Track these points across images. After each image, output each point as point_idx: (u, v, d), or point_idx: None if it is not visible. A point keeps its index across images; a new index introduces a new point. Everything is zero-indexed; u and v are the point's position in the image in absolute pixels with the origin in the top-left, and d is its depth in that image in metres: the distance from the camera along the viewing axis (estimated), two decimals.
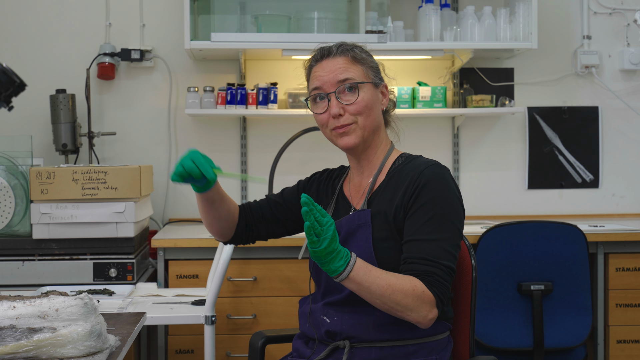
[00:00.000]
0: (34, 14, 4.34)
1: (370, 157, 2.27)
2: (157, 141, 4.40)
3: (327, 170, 2.45)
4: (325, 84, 2.20)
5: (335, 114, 2.18)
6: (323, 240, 1.89)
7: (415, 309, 2.01)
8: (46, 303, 1.77)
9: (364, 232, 2.14)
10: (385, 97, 2.29)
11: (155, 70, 4.39)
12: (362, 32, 4.06)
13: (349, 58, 2.22)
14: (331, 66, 2.21)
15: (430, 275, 2.03)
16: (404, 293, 1.99)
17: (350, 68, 2.20)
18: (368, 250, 2.12)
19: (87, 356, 1.73)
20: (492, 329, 3.38)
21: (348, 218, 2.20)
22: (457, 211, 2.14)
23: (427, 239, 2.06)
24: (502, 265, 3.38)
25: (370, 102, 2.20)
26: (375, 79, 2.24)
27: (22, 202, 3.52)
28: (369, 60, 2.25)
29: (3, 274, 3.46)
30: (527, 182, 4.55)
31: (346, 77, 2.19)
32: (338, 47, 2.24)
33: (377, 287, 1.98)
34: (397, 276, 2.02)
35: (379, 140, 2.27)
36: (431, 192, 2.10)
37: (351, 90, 2.18)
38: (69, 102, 4.11)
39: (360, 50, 2.26)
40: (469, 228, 3.85)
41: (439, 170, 2.16)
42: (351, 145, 2.21)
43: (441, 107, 4.28)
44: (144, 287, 3.33)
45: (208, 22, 4.17)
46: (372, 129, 2.22)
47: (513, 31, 4.19)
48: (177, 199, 4.42)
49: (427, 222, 2.08)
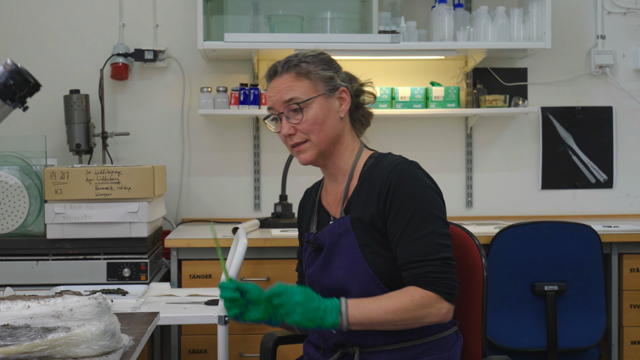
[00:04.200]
0: (48, 15, 4.35)
1: (339, 164, 2.25)
2: (170, 141, 4.41)
3: (307, 191, 2.44)
4: (275, 104, 2.20)
5: (285, 134, 2.19)
6: (292, 309, 1.96)
7: (425, 315, 2.03)
8: (60, 303, 1.78)
9: (348, 239, 2.14)
10: (345, 101, 2.22)
11: (169, 70, 4.40)
12: (375, 32, 4.06)
13: (293, 75, 2.18)
14: (278, 86, 2.19)
15: (425, 276, 2.04)
16: (406, 309, 2.02)
17: (295, 86, 2.17)
18: (357, 256, 2.12)
19: (101, 356, 1.73)
20: (505, 329, 3.37)
21: (329, 228, 2.19)
22: (434, 201, 2.13)
23: (412, 239, 2.06)
24: (515, 266, 3.37)
25: (319, 117, 2.16)
26: (327, 89, 2.19)
27: (36, 202, 3.54)
28: (319, 74, 2.19)
29: (17, 273, 3.47)
30: (540, 183, 4.54)
31: (291, 96, 2.16)
32: (283, 64, 2.19)
33: (379, 318, 2.02)
34: (392, 296, 2.04)
35: (342, 147, 2.24)
36: (404, 192, 2.10)
37: (297, 111, 2.16)
38: (83, 103, 4.12)
39: (311, 60, 2.20)
40: (482, 228, 3.85)
41: (406, 167, 2.15)
42: (308, 162, 2.21)
43: (454, 107, 4.27)
44: (158, 287, 3.34)
45: (221, 22, 4.18)
46: (329, 141, 2.19)
47: (526, 31, 4.18)
48: (190, 199, 4.43)
49: (409, 223, 2.07)
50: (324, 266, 2.19)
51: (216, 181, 4.43)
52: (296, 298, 1.97)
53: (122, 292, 3.17)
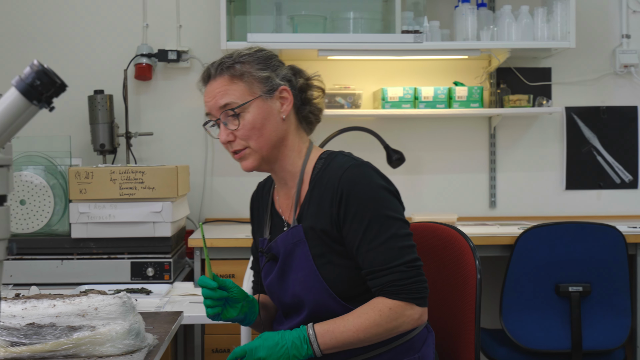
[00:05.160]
0: (73, 16, 4.38)
1: (286, 167, 2.13)
2: (193, 141, 4.43)
3: (259, 185, 2.34)
4: (211, 109, 2.07)
5: (224, 141, 2.07)
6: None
7: (399, 325, 1.98)
8: (85, 302, 1.79)
9: (302, 249, 2.04)
10: (287, 100, 2.09)
11: (192, 70, 4.41)
12: (398, 32, 4.05)
13: (227, 78, 2.05)
14: (212, 90, 2.07)
15: (390, 285, 1.96)
16: (376, 324, 1.96)
17: (230, 89, 2.04)
18: (311, 268, 2.03)
19: (126, 354, 1.74)
20: (529, 330, 3.36)
21: (282, 237, 2.10)
22: (389, 202, 2.02)
23: (373, 246, 1.97)
24: (539, 267, 3.36)
25: (257, 122, 2.04)
26: (264, 90, 2.06)
27: (61, 201, 3.56)
28: (254, 75, 2.06)
29: (42, 272, 3.50)
30: (564, 183, 4.51)
31: (225, 102, 2.04)
32: (217, 66, 2.07)
33: (351, 339, 1.96)
34: (360, 313, 1.98)
35: (287, 149, 2.11)
36: (357, 198, 1.99)
37: (233, 116, 2.04)
38: (107, 103, 4.14)
39: (246, 60, 2.07)
40: (506, 229, 3.83)
41: (356, 171, 2.02)
42: (250, 169, 2.09)
43: (478, 107, 4.26)
44: (181, 286, 3.35)
45: (244, 22, 4.19)
46: (270, 145, 2.07)
47: (550, 30, 4.15)
48: (214, 199, 4.44)
49: (366, 230, 1.98)
50: (280, 278, 2.11)
51: (239, 181, 4.44)
52: (261, 354, 1.95)
53: (145, 292, 3.18)
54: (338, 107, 4.25)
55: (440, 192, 4.51)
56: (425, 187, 4.49)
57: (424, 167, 4.49)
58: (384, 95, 4.22)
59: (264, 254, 2.16)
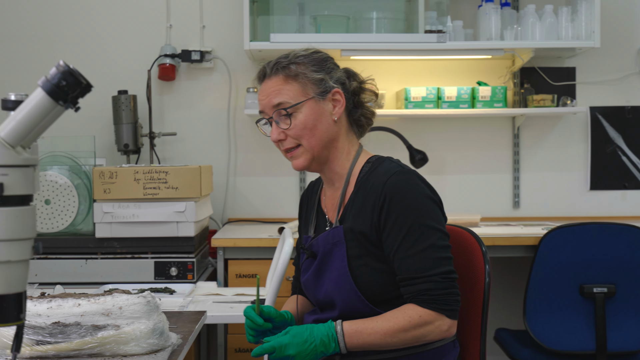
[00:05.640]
0: (98, 17, 4.41)
1: (335, 168, 2.17)
2: (216, 141, 4.44)
3: (310, 184, 2.38)
4: (265, 108, 2.12)
5: (275, 139, 2.12)
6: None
7: (426, 334, 1.99)
8: (110, 301, 1.80)
9: (339, 250, 2.07)
10: (339, 103, 2.13)
11: (215, 71, 4.42)
12: (421, 32, 4.04)
13: (282, 77, 2.09)
14: (267, 89, 2.11)
15: (423, 294, 1.98)
16: (404, 330, 1.97)
17: (284, 89, 2.09)
18: (343, 269, 2.06)
19: (150, 354, 1.75)
20: (553, 332, 3.34)
21: (323, 236, 2.13)
22: (432, 211, 2.04)
23: (410, 254, 1.99)
24: (563, 267, 3.33)
25: (309, 122, 2.08)
26: (317, 92, 2.10)
27: (85, 201, 3.58)
28: (308, 76, 2.10)
29: (67, 271, 3.52)
30: (589, 183, 4.48)
31: (279, 101, 2.08)
32: (272, 66, 2.12)
33: (377, 342, 1.99)
34: (389, 317, 1.99)
35: (337, 151, 2.15)
36: (400, 204, 2.01)
37: (286, 116, 2.08)
38: (131, 103, 4.16)
39: (301, 61, 2.12)
40: (529, 229, 3.81)
41: (402, 177, 2.04)
42: (301, 168, 2.14)
43: (501, 107, 4.24)
44: (204, 286, 3.36)
45: (267, 23, 4.19)
46: (322, 145, 2.11)
47: (575, 30, 4.13)
48: (237, 199, 4.45)
49: (405, 237, 1.99)
50: (316, 276, 2.15)
51: (262, 181, 4.45)
52: (290, 351, 1.97)
53: (169, 291, 3.19)
54: None
55: (463, 193, 4.49)
56: (449, 188, 4.48)
57: (447, 167, 4.48)
58: (407, 95, 4.21)
59: (305, 251, 2.20)
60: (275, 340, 1.98)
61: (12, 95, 1.30)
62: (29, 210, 1.30)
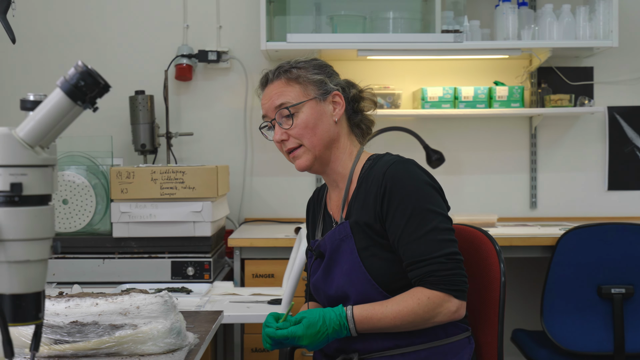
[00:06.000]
0: (114, 17, 4.43)
1: (337, 168, 2.22)
2: (233, 141, 4.45)
3: (315, 190, 2.43)
4: (267, 111, 2.21)
5: (278, 140, 2.19)
6: (306, 347, 2.02)
7: (435, 316, 2.02)
8: (127, 300, 1.81)
9: (348, 244, 2.11)
10: (339, 105, 2.20)
11: (232, 71, 4.43)
12: (438, 32, 4.03)
13: (283, 81, 2.18)
14: (269, 92, 2.20)
15: (430, 275, 2.01)
16: (413, 312, 2.00)
17: (286, 91, 2.17)
18: (355, 261, 2.09)
19: (167, 353, 1.75)
20: (570, 332, 3.32)
21: (329, 235, 2.17)
22: (432, 196, 2.08)
23: (414, 238, 2.03)
24: (581, 268, 3.32)
25: (311, 121, 2.15)
26: (318, 93, 2.17)
27: (103, 201, 3.60)
28: (309, 78, 2.18)
29: (84, 271, 3.54)
30: (607, 183, 4.46)
31: (281, 102, 2.17)
32: (274, 71, 2.21)
33: (387, 325, 2.02)
34: (398, 300, 2.02)
35: (338, 151, 2.21)
36: (400, 191, 2.05)
37: (288, 116, 2.16)
38: (148, 103, 4.18)
39: (302, 65, 2.20)
40: (547, 230, 3.80)
41: (401, 166, 2.10)
42: (304, 167, 2.20)
43: (518, 107, 4.22)
44: (221, 285, 3.36)
45: (284, 23, 4.20)
46: (323, 145, 2.17)
47: (593, 29, 4.11)
48: (253, 199, 4.46)
49: (408, 222, 2.03)
50: (325, 274, 2.17)
51: (278, 181, 4.46)
52: (303, 342, 2.01)
53: (186, 291, 3.20)
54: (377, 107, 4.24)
55: (480, 193, 4.48)
56: (465, 188, 4.47)
57: (464, 167, 4.47)
58: (424, 95, 4.20)
59: (313, 252, 2.23)
60: (288, 331, 2.01)
61: (31, 96, 1.31)
62: (48, 210, 1.30)
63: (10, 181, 1.25)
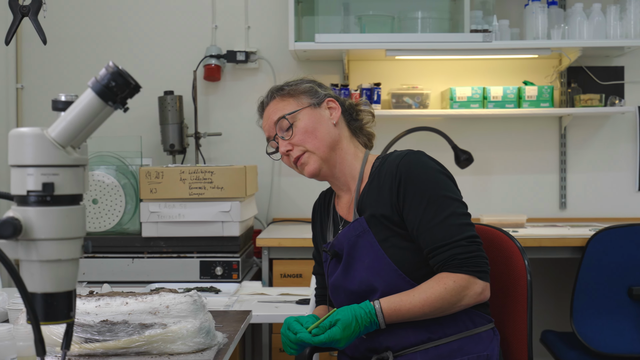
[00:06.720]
0: (144, 18, 4.45)
1: (345, 170, 2.26)
2: (261, 141, 4.40)
3: (321, 194, 2.46)
4: (268, 131, 2.27)
5: (284, 151, 2.22)
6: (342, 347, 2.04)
7: (461, 299, 2.03)
8: (157, 300, 1.82)
9: (366, 239, 2.12)
10: (335, 109, 2.26)
11: (260, 71, 4.44)
12: (467, 32, 4.02)
13: (277, 99, 2.26)
14: (267, 114, 2.28)
15: (452, 259, 2.02)
16: (441, 298, 2.01)
17: (281, 106, 2.24)
18: (379, 253, 2.10)
19: (196, 352, 1.76)
20: (601, 334, 3.30)
21: (343, 232, 2.18)
22: (446, 184, 2.11)
23: (432, 225, 2.04)
24: (611, 269, 3.29)
25: (309, 126, 2.20)
26: (312, 101, 2.24)
27: (132, 200, 3.62)
28: (299, 88, 2.26)
29: (114, 270, 3.56)
30: (637, 184, 4.42)
31: (278, 116, 2.22)
32: (268, 95, 2.30)
33: (416, 314, 2.03)
34: (425, 288, 2.03)
35: (343, 152, 2.25)
36: (415, 180, 2.08)
37: (287, 127, 2.21)
38: (177, 104, 4.20)
39: (292, 83, 2.28)
40: (576, 230, 3.77)
41: (413, 157, 2.14)
42: (314, 171, 2.23)
43: (548, 107, 4.20)
44: (249, 285, 3.37)
45: (312, 23, 4.20)
46: (327, 146, 2.21)
47: (623, 28, 4.07)
48: (281, 199, 4.46)
49: (425, 210, 2.06)
50: (345, 271, 2.17)
51: (306, 181, 4.41)
52: (340, 345, 2.02)
53: (214, 290, 3.21)
54: (406, 107, 4.24)
55: (509, 193, 4.46)
56: (494, 188, 4.44)
57: (493, 167, 4.44)
58: (452, 95, 4.19)
59: (327, 252, 2.24)
60: (326, 335, 2.00)
61: (63, 96, 1.32)
62: (79, 210, 1.31)
63: (42, 181, 1.26)
